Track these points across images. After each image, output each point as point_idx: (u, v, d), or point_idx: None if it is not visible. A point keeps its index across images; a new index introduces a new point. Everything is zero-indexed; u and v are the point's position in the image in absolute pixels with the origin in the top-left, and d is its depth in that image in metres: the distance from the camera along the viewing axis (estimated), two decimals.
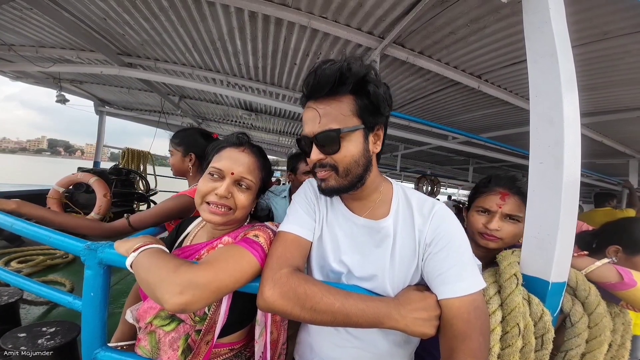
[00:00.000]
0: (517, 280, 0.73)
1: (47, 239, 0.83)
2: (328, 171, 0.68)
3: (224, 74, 3.07)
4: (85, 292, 0.76)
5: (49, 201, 3.50)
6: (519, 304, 0.69)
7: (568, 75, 0.79)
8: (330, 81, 0.62)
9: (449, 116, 3.56)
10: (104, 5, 2.04)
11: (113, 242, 0.76)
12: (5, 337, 1.09)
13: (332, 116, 0.64)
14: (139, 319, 0.79)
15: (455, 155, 6.16)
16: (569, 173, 0.74)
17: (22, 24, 2.38)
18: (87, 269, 0.75)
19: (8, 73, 3.57)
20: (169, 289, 0.58)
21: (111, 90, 4.35)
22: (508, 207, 0.92)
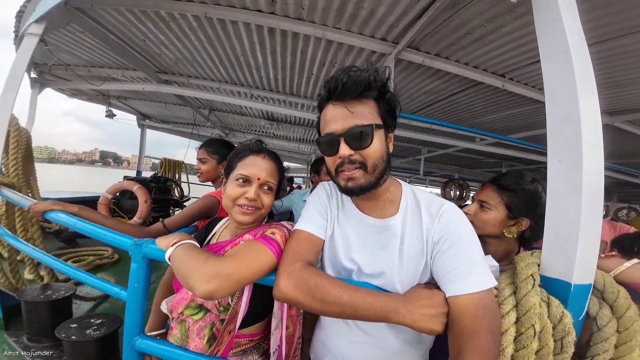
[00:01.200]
0: (533, 281, 0.71)
1: (103, 237, 0.96)
2: (357, 169, 0.70)
3: (248, 86, 3.27)
4: (131, 283, 0.86)
5: (99, 207, 3.93)
6: (535, 305, 0.67)
7: (584, 72, 0.76)
8: (361, 85, 0.68)
9: (473, 117, 3.43)
10: (143, 28, 2.32)
11: (154, 239, 0.87)
12: (60, 328, 1.28)
13: (363, 114, 0.69)
14: (172, 310, 0.89)
15: (485, 158, 5.84)
16: (590, 171, 0.71)
17: (76, 45, 2.74)
18: (133, 262, 0.85)
19: (66, 91, 4.10)
20: (199, 278, 0.66)
21: (151, 105, 4.82)
22: (482, 195, 1.00)
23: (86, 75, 3.42)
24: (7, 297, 1.61)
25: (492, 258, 0.83)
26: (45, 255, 1.18)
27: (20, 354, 1.39)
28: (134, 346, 0.83)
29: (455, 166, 7.68)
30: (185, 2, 1.91)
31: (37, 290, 1.56)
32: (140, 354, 0.84)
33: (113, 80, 3.57)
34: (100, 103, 4.72)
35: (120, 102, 4.90)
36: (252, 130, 5.79)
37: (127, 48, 2.70)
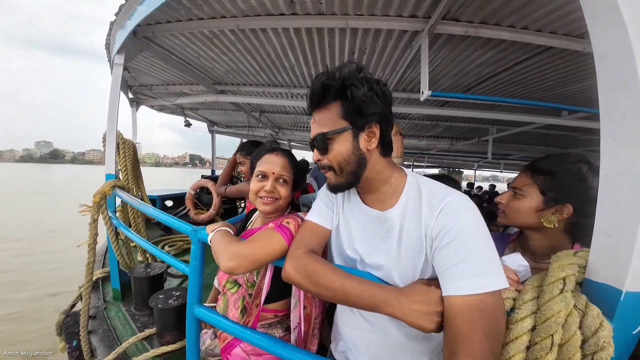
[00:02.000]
0: (562, 286, 0.60)
1: (174, 225, 1.18)
2: (327, 171, 0.77)
3: (287, 87, 3.42)
4: (191, 261, 1.03)
5: (186, 201, 4.80)
6: (558, 312, 0.57)
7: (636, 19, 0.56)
8: (317, 94, 0.72)
9: (553, 87, 2.77)
10: (194, 47, 2.66)
11: (205, 227, 1.04)
12: (152, 298, 1.64)
13: (322, 122, 0.73)
14: (219, 283, 1.11)
15: (582, 134, 4.64)
16: None
17: (152, 68, 3.31)
18: (192, 244, 1.04)
19: (155, 107, 5.05)
20: (223, 257, 0.82)
21: (215, 113, 5.52)
22: (515, 181, 0.92)
23: (164, 92, 4.14)
24: (124, 274, 2.06)
25: (521, 257, 0.73)
26: (145, 242, 1.50)
27: (128, 320, 1.83)
28: (193, 313, 1.01)
29: (539, 146, 6.30)
30: (220, 19, 2.11)
31: (142, 268, 1.99)
32: (197, 319, 1.02)
33: (184, 95, 4.22)
34: (179, 115, 5.65)
35: (194, 113, 5.76)
36: (298, 126, 6.03)
37: (187, 66, 3.14)
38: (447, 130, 5.54)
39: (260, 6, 1.89)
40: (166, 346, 1.50)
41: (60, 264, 6.65)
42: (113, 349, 1.54)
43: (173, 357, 1.49)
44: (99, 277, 2.30)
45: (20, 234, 9.11)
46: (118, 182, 1.95)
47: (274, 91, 3.55)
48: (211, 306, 1.17)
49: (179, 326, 1.56)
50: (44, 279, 5.83)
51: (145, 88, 4.09)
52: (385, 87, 0.72)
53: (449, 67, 2.50)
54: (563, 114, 3.24)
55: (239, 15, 2.05)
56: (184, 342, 1.52)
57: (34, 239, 8.79)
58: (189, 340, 1.04)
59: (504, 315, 0.59)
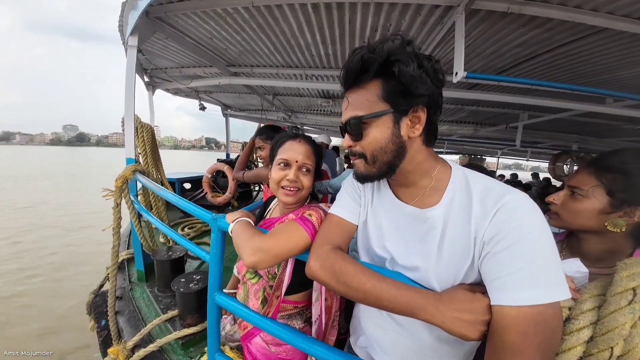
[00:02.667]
0: (632, 296, 0.55)
1: (193, 212, 1.17)
2: (357, 158, 0.69)
3: (302, 67, 3.25)
4: (212, 249, 1.02)
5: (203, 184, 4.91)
6: (624, 324, 0.53)
7: None
8: (353, 71, 0.62)
9: (601, 72, 2.47)
10: (207, 27, 2.54)
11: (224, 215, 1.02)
12: (174, 281, 1.68)
13: (358, 103, 0.64)
14: (239, 272, 1.10)
15: (625, 124, 4.21)
16: None
17: (166, 51, 3.23)
18: (212, 232, 1.03)
19: (170, 90, 5.03)
20: (245, 251, 0.79)
21: (229, 96, 5.44)
22: (573, 180, 0.81)
23: (179, 75, 4.08)
24: (147, 256, 2.12)
25: (580, 263, 0.67)
26: (166, 227, 1.50)
27: (152, 302, 1.91)
28: (214, 300, 1.02)
29: (574, 134, 5.82)
30: None
31: (164, 251, 2.05)
32: (218, 306, 1.03)
33: (198, 78, 4.15)
34: (194, 98, 5.62)
35: (208, 96, 5.71)
36: (311, 110, 5.84)
37: (201, 47, 3.04)
38: (472, 115, 5.18)
39: None
40: (187, 329, 1.55)
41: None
42: (138, 330, 1.61)
43: (194, 339, 1.55)
44: (124, 259, 2.39)
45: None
46: (138, 166, 1.96)
47: (288, 72, 3.40)
48: (231, 293, 1.19)
49: (200, 309, 1.61)
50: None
51: (160, 71, 4.04)
52: (437, 64, 0.60)
53: (483, 46, 2.25)
54: (607, 101, 2.91)
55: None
56: (205, 325, 1.58)
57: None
58: (210, 326, 1.05)
59: (561, 329, 0.54)
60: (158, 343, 1.47)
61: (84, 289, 4.50)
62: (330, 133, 7.23)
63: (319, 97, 4.79)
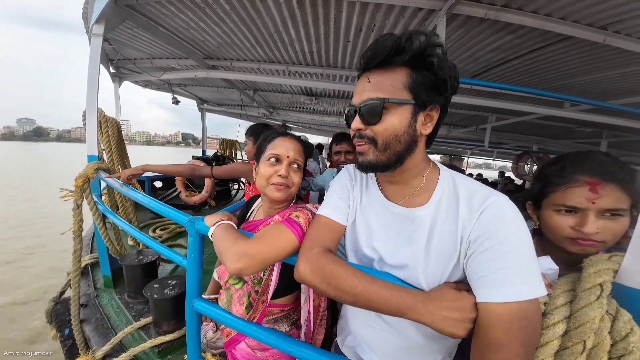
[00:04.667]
0: (600, 292, 0.58)
1: (167, 214, 1.09)
2: (367, 143, 0.65)
3: (285, 63, 3.19)
4: (189, 254, 0.98)
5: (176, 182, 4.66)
6: (594, 319, 0.56)
7: None
8: (386, 50, 0.59)
9: (562, 78, 2.69)
10: (184, 17, 2.41)
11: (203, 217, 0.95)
12: (147, 287, 1.57)
13: (381, 85, 0.61)
14: (220, 277, 1.03)
15: (579, 127, 4.65)
16: None
17: (136, 40, 3.02)
18: (189, 236, 0.97)
19: (139, 82, 4.70)
20: (229, 257, 0.74)
21: (205, 90, 5.20)
22: (605, 200, 0.69)
23: (150, 67, 3.82)
24: (114, 260, 1.98)
25: (551, 260, 0.68)
26: (133, 228, 1.39)
27: (122, 309, 1.77)
28: (192, 307, 0.96)
29: (534, 136, 6.33)
30: None
31: (133, 255, 1.91)
32: (198, 313, 0.98)
33: (172, 70, 3.92)
34: (167, 91, 5.30)
35: (182, 89, 5.42)
36: (294, 107, 5.77)
37: (176, 38, 2.87)
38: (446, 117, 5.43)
39: None
40: (164, 336, 1.46)
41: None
42: (108, 338, 1.49)
43: (171, 347, 1.46)
44: (87, 263, 2.20)
45: None
46: (102, 164, 1.79)
47: (270, 68, 3.32)
48: (211, 298, 1.13)
49: (177, 316, 1.52)
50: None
51: (128, 62, 3.76)
52: (457, 74, 0.63)
53: (460, 50, 2.35)
54: (565, 106, 3.20)
55: None
56: (183, 331, 1.50)
57: None
58: (189, 334, 1.00)
59: (540, 324, 0.57)
60: (132, 352, 1.37)
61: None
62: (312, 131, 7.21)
63: (302, 94, 4.74)
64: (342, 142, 1.95)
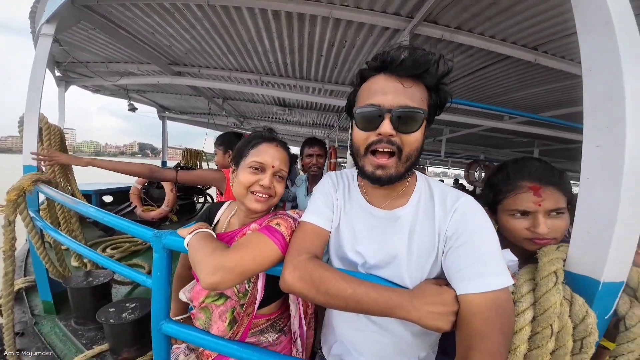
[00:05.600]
0: (555, 279, 0.65)
1: (127, 229, 1.00)
2: (392, 156, 0.64)
3: (257, 73, 3.21)
4: (154, 272, 0.90)
5: (131, 196, 4.23)
6: (555, 304, 0.62)
7: (630, 45, 0.63)
8: (425, 65, 0.61)
9: (502, 94, 3.12)
10: (150, 21, 2.30)
11: (175, 230, 0.89)
12: (100, 311, 1.43)
13: (415, 96, 0.62)
14: (192, 299, 0.92)
15: (515, 137, 5.40)
16: (633, 158, 0.61)
17: (91, 42, 2.79)
18: (155, 252, 0.89)
19: (89, 87, 4.29)
20: (204, 270, 0.69)
21: (168, 97, 4.93)
22: (548, 202, 0.78)
23: (104, 71, 3.53)
24: (56, 284, 1.77)
25: (510, 252, 0.75)
26: (81, 246, 1.25)
27: (69, 337, 1.55)
28: (160, 330, 0.88)
29: (481, 146, 7.18)
30: None
31: (80, 277, 1.71)
32: (167, 336, 0.90)
33: (130, 75, 3.66)
34: (122, 97, 4.91)
35: (140, 96, 5.07)
36: (265, 117, 5.76)
37: (138, 42, 2.72)
38: None
39: None
40: None
41: None
42: None
43: None
44: (21, 288, 1.92)
45: None
46: (41, 175, 1.59)
47: (242, 77, 3.30)
48: (180, 319, 1.04)
49: (140, 341, 1.40)
50: None
51: (79, 65, 3.43)
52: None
53: None
54: (505, 118, 3.71)
55: None
56: (147, 357, 1.39)
57: None
58: (157, 359, 0.91)
59: (513, 312, 0.62)
60: None
61: None
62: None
63: (275, 104, 4.73)
64: (314, 146, 2.01)
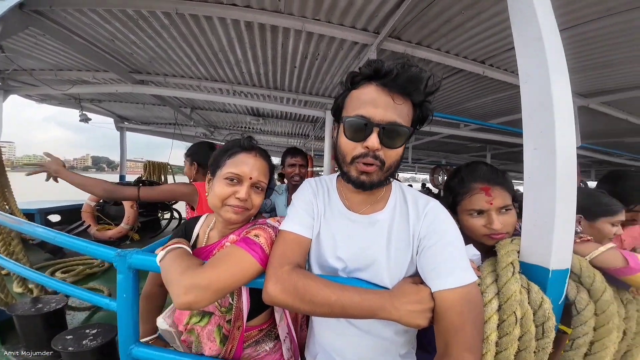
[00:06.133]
0: (513, 269, 0.73)
1: (85, 249, 0.93)
2: (376, 165, 0.67)
3: (229, 83, 3.16)
4: (119, 294, 0.84)
5: (83, 215, 3.81)
6: (515, 292, 0.69)
7: (556, 60, 0.76)
8: (418, 83, 0.64)
9: (458, 103, 3.46)
10: (110, 28, 2.17)
11: (140, 249, 0.85)
12: (56, 339, 1.30)
13: (403, 112, 0.65)
14: (177, 324, 0.86)
15: (470, 143, 5.96)
16: (563, 158, 0.72)
17: (38, 49, 2.55)
18: (119, 273, 0.83)
19: (33, 97, 3.85)
20: (176, 290, 0.66)
21: (128, 106, 4.60)
22: (498, 200, 0.88)
23: (53, 79, 3.21)
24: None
25: (474, 247, 0.83)
26: (28, 270, 1.15)
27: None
28: (130, 355, 0.83)
29: (442, 152, 7.80)
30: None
31: (27, 304, 1.57)
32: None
33: (84, 83, 3.37)
34: (73, 107, 4.48)
35: (95, 105, 4.67)
36: (238, 127, 5.63)
37: (95, 49, 2.54)
38: None
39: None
40: None
41: None
42: None
43: None
44: None
45: None
46: None
47: (213, 86, 3.23)
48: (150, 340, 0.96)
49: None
50: None
51: (21, 73, 3.09)
52: None
53: None
54: (461, 126, 4.11)
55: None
56: None
57: None
58: None
59: (482, 304, 0.68)
60: None
61: None
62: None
63: (249, 114, 4.63)
64: (296, 156, 2.03)
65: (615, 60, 2.02)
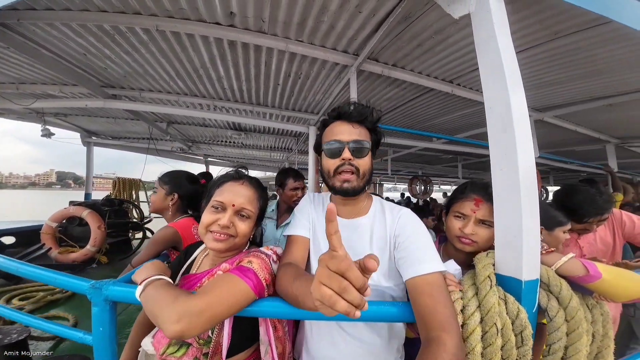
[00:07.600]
0: (491, 282, 0.77)
1: (54, 281, 0.87)
2: (353, 173, 0.88)
3: (210, 98, 3.12)
4: (95, 327, 0.80)
5: (42, 237, 3.45)
6: (494, 304, 0.73)
7: (515, 85, 0.85)
8: (365, 114, 0.91)
9: (430, 119, 3.68)
10: (83, 42, 2.08)
11: (116, 280, 0.81)
12: None
13: (362, 134, 0.90)
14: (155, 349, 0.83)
15: (443, 155, 6.31)
16: (525, 177, 0.79)
17: None
18: (94, 306, 0.79)
19: None
20: (168, 318, 0.64)
21: (97, 121, 4.36)
22: (481, 212, 0.97)
23: (13, 93, 2.99)
24: None
25: (454, 262, 0.89)
26: None
27: None
28: None
29: (418, 163, 8.18)
30: (133, 15, 1.77)
31: None
32: None
33: (49, 97, 3.17)
34: (34, 121, 4.16)
35: (60, 120, 4.37)
36: (218, 141, 5.49)
37: (65, 63, 2.41)
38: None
39: (192, 10, 1.71)
40: None
41: None
42: None
43: None
44: None
45: None
46: None
47: (192, 101, 3.16)
48: None
49: None
50: None
51: None
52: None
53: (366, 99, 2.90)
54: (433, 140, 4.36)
55: (161, 15, 1.78)
56: None
57: None
58: None
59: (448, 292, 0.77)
60: None
61: None
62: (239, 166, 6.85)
63: (230, 128, 4.55)
64: (299, 179, 2.02)
65: (563, 78, 2.28)
